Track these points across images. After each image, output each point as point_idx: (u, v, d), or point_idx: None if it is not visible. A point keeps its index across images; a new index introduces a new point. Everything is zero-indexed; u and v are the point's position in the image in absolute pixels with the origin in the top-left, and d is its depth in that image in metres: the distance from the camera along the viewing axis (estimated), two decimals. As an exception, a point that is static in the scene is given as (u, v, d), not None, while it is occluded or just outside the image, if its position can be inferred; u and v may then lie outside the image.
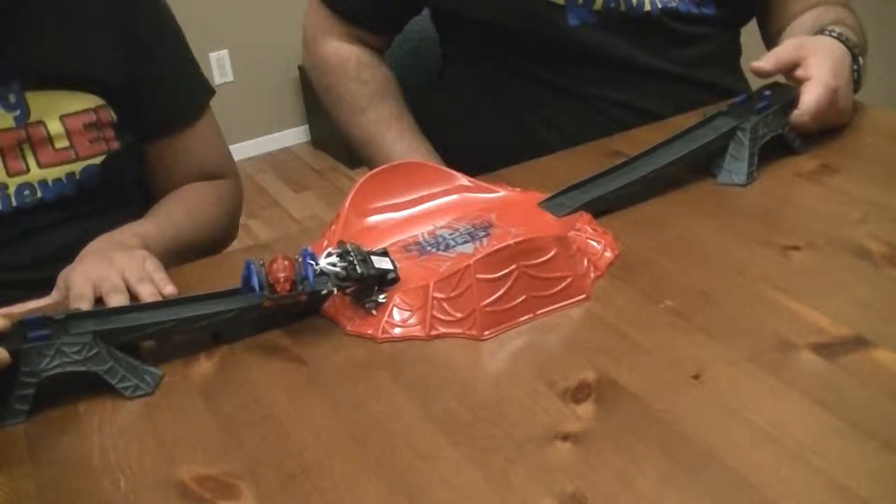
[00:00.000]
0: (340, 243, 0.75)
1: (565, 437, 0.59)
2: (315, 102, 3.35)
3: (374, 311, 0.73)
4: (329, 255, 0.73)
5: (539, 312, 0.73)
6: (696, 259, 0.78)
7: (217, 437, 0.64)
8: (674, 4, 1.08)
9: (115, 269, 0.81)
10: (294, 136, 3.56)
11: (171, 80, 1.05)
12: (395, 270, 0.76)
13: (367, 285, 0.74)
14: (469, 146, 1.15)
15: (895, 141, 0.98)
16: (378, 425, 0.63)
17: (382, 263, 0.75)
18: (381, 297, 0.74)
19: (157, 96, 1.03)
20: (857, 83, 0.99)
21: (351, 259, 0.73)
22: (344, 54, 1.17)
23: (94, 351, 0.68)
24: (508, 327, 0.72)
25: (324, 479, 0.58)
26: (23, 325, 0.68)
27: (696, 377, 0.64)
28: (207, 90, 1.10)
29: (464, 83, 1.20)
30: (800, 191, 0.89)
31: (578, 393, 0.63)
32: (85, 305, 0.78)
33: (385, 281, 0.75)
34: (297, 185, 3.21)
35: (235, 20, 3.29)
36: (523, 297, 0.72)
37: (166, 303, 0.74)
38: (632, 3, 1.07)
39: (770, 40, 1.19)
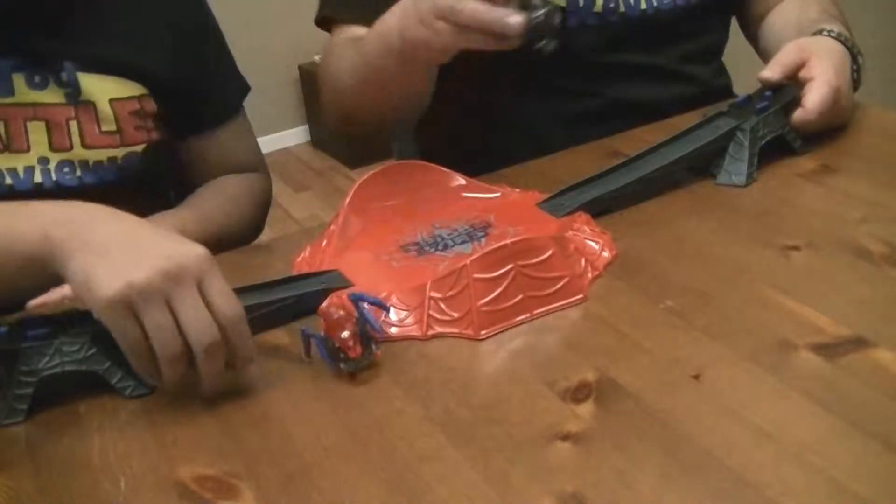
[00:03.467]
0: None
1: (565, 437, 0.59)
2: (315, 102, 3.36)
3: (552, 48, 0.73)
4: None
5: (536, 312, 0.73)
6: (696, 259, 0.78)
7: (217, 437, 0.64)
8: (669, 0, 1.09)
9: None
10: (294, 136, 3.56)
11: (213, 79, 1.07)
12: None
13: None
14: (471, 147, 1.15)
15: (895, 141, 0.98)
16: (378, 425, 0.63)
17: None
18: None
19: (199, 94, 1.04)
20: (856, 82, 0.99)
21: None
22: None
23: (92, 350, 0.68)
24: (505, 327, 0.72)
25: (324, 479, 0.58)
26: (22, 325, 0.68)
27: (696, 377, 0.64)
28: (244, 88, 1.12)
29: (459, 89, 1.20)
30: (800, 191, 0.89)
31: (578, 393, 0.63)
32: None
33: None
34: (297, 185, 3.21)
35: (235, 20, 3.28)
36: (520, 296, 0.72)
37: None
38: (630, 3, 1.07)
39: (748, 26, 1.20)
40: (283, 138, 3.54)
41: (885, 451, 0.55)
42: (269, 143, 3.51)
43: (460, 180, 0.90)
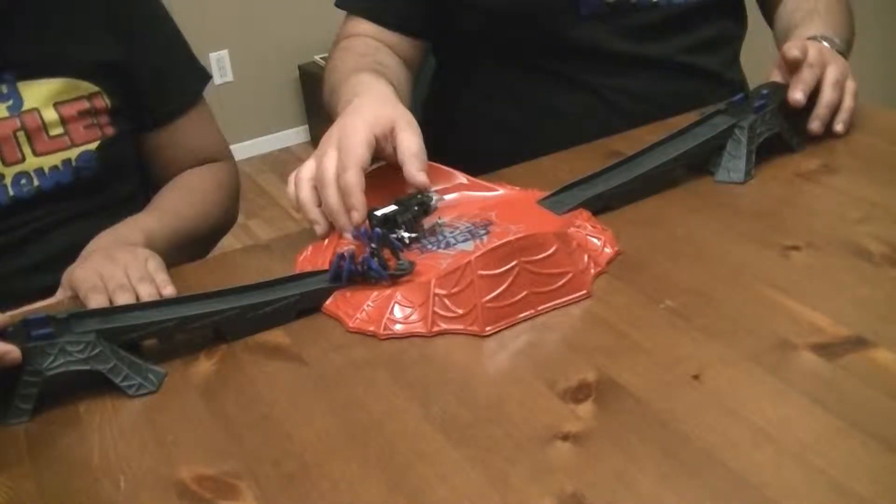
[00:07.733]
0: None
1: (565, 437, 0.59)
2: (315, 102, 3.36)
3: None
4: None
5: (541, 308, 0.73)
6: (696, 259, 0.78)
7: (217, 437, 0.64)
8: None
9: (119, 266, 0.81)
10: (294, 136, 3.56)
11: (167, 69, 1.06)
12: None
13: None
14: (470, 147, 1.15)
15: (895, 141, 0.98)
16: (378, 425, 0.63)
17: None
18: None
19: (153, 85, 1.04)
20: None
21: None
22: (370, 43, 1.10)
23: (97, 350, 0.68)
24: (510, 323, 0.72)
25: (324, 479, 0.58)
26: (26, 325, 0.68)
27: (696, 377, 0.64)
28: (203, 76, 1.10)
29: (460, 87, 1.20)
30: (800, 191, 0.89)
31: (578, 393, 0.63)
32: (102, 297, 0.77)
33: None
34: (297, 185, 3.21)
35: (235, 20, 3.29)
36: (524, 292, 0.72)
37: (169, 301, 0.75)
38: None
39: (768, 17, 1.21)
40: (283, 138, 3.54)
41: (885, 451, 0.55)
42: (269, 143, 3.51)
43: (461, 179, 0.90)
